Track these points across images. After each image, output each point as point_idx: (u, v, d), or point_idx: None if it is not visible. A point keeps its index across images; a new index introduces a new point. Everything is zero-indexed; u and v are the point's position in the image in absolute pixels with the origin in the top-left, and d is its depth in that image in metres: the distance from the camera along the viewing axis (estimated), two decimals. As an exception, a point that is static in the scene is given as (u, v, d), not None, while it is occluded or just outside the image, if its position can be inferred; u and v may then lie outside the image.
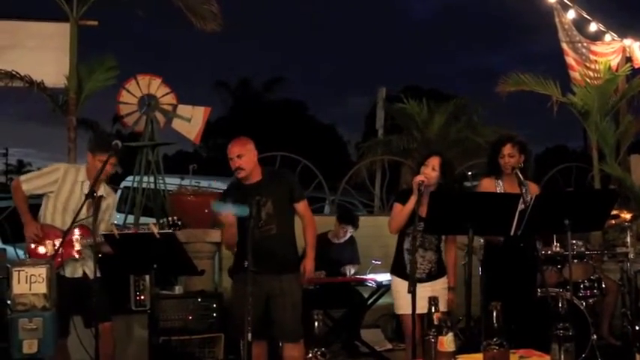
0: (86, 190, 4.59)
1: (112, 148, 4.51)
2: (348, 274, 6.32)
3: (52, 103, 6.89)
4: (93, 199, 4.32)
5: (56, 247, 4.45)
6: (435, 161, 4.52)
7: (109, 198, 4.81)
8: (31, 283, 3.96)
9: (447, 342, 2.44)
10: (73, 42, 6.87)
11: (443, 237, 4.66)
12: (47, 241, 4.56)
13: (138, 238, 4.53)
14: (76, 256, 4.60)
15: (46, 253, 4.52)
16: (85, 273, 4.66)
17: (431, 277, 4.56)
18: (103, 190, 4.67)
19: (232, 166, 4.58)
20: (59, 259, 4.52)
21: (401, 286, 4.36)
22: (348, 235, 6.50)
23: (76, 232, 4.58)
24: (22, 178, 4.71)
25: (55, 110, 6.89)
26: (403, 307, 4.34)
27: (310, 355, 2.30)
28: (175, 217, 4.85)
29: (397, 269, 4.62)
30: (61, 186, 4.61)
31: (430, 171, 4.49)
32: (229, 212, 4.36)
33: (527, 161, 4.89)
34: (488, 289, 4.90)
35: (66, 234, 4.39)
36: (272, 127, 27.54)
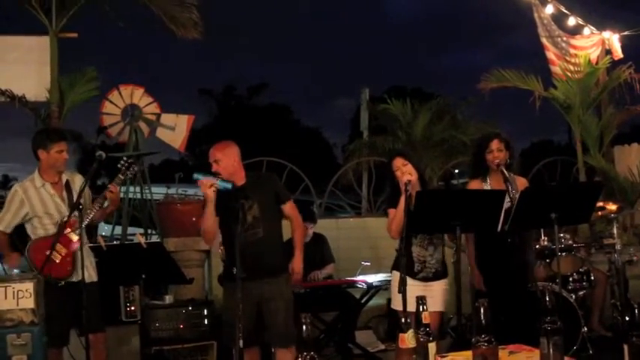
0: (52, 191, 4.55)
1: (62, 134, 4.50)
2: (316, 279, 6.23)
3: (35, 117, 6.86)
4: (77, 203, 4.29)
5: (57, 253, 4.40)
6: (401, 161, 4.52)
7: (75, 179, 4.69)
8: (18, 298, 3.94)
9: (408, 339, 2.44)
10: (53, 55, 6.84)
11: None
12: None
13: (125, 249, 4.50)
14: (78, 245, 4.49)
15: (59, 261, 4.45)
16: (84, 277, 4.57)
17: (437, 276, 4.54)
18: (65, 178, 4.61)
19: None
20: (68, 267, 4.46)
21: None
22: (310, 231, 6.40)
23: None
24: None
25: (38, 124, 6.85)
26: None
27: (300, 359, 2.28)
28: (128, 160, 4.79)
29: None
30: (30, 202, 4.52)
31: (407, 168, 4.48)
32: (210, 180, 4.27)
33: (511, 157, 4.93)
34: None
35: (57, 237, 4.36)
36: (257, 132, 27.58)
